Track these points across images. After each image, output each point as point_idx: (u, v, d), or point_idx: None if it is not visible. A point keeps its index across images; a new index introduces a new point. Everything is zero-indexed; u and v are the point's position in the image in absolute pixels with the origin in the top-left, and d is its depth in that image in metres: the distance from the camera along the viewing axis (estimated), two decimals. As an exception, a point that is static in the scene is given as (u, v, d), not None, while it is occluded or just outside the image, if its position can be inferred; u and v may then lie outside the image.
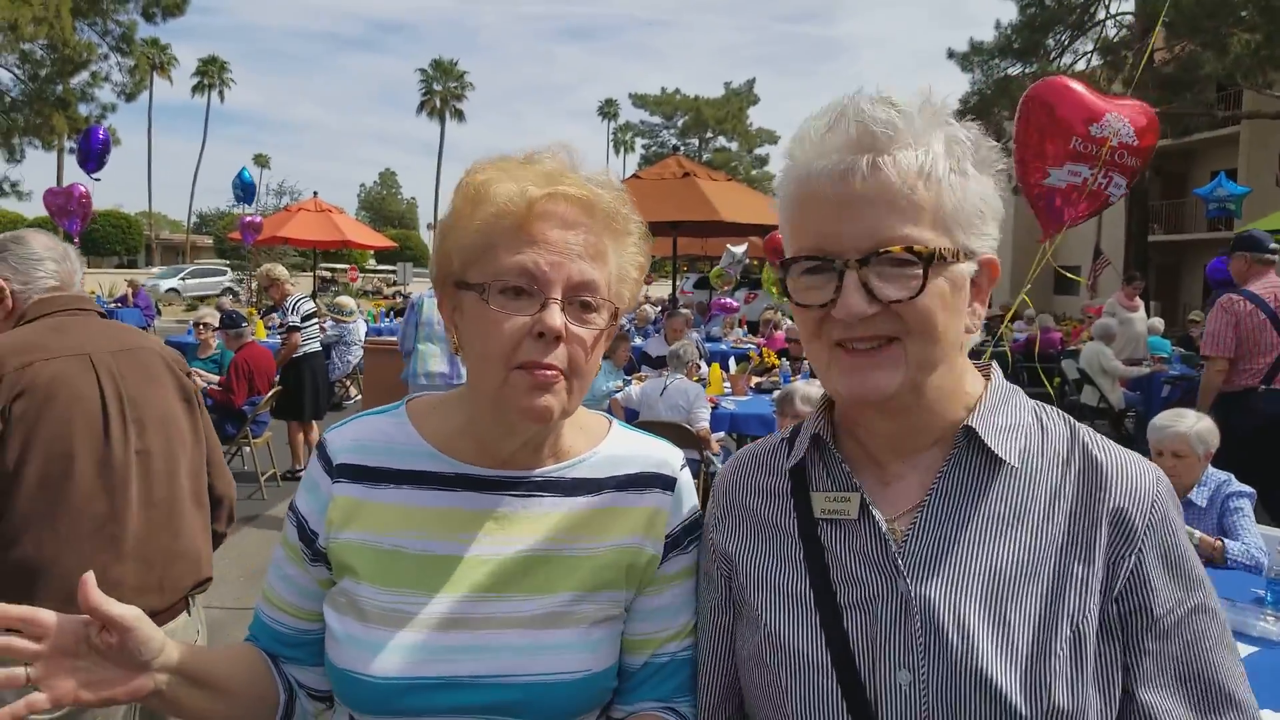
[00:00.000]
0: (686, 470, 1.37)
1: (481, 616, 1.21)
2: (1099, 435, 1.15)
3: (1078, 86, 5.03)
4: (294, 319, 8.64)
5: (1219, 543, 3.56)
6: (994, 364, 1.20)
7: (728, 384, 8.72)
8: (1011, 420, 1.14)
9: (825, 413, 1.23)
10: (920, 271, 1.02)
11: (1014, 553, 1.06)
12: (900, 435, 1.15)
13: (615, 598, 1.27)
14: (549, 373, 1.15)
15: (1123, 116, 4.56)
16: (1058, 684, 1.00)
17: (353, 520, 1.24)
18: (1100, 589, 1.04)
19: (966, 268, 1.08)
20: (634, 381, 8.31)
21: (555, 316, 1.14)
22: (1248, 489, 3.83)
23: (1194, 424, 3.86)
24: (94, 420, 2.24)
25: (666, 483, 1.33)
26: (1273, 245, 5.98)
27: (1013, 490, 1.10)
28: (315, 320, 9.24)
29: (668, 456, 1.36)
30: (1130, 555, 1.05)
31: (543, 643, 1.21)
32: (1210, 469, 3.90)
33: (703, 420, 6.71)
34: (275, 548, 1.35)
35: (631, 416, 7.26)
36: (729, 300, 16.65)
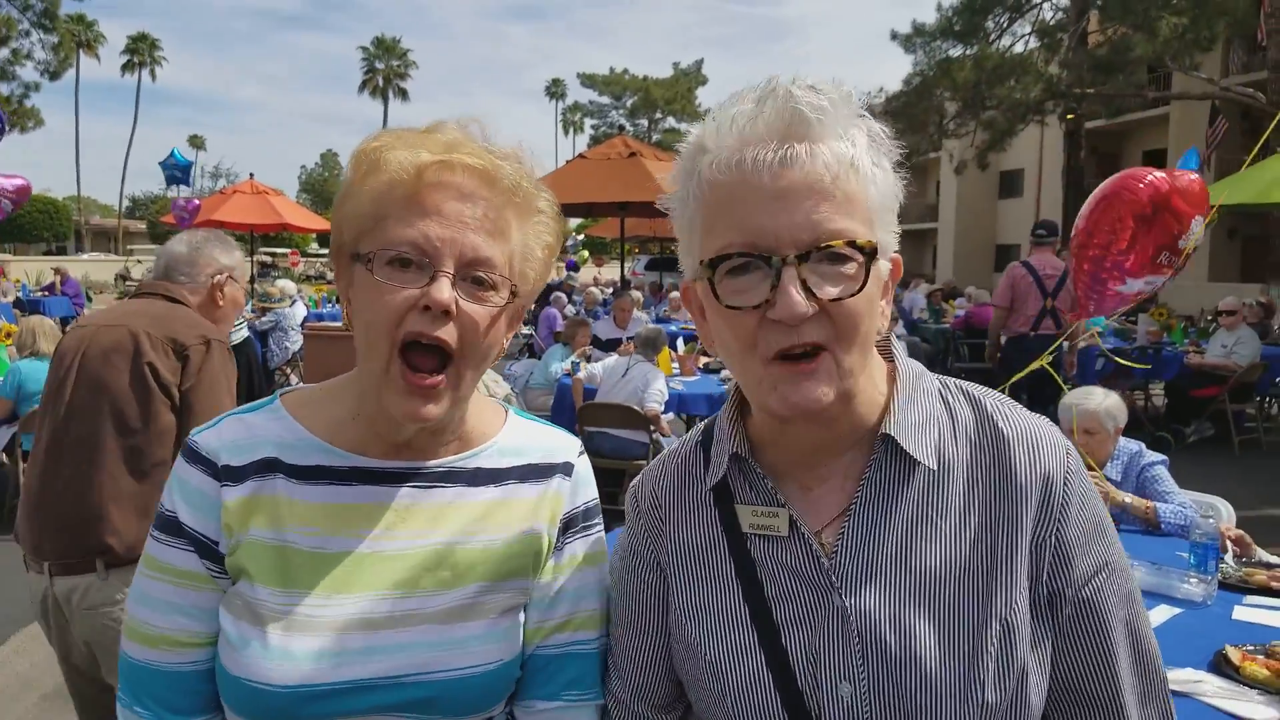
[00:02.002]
0: (585, 458, 1.35)
1: (388, 615, 1.15)
2: (1006, 406, 1.14)
3: (1176, 187, 4.42)
4: None
5: (1150, 504, 3.68)
6: (895, 341, 1.17)
7: (676, 364, 8.73)
8: (923, 415, 1.11)
9: (739, 426, 1.17)
10: (862, 268, 0.98)
11: (940, 553, 1.06)
12: (825, 443, 1.11)
13: (522, 585, 1.24)
14: (431, 379, 1.11)
15: (1201, 218, 4.25)
16: (989, 679, 1.01)
17: (248, 520, 1.16)
18: (1028, 574, 1.05)
19: (885, 266, 1.05)
20: (582, 364, 8.29)
21: (443, 290, 1.07)
22: (1159, 456, 3.96)
23: (1102, 401, 3.94)
24: (56, 372, 2.73)
25: (566, 469, 1.31)
26: (1041, 231, 8.41)
27: (932, 489, 1.08)
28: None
29: (566, 444, 1.33)
30: (1052, 534, 1.06)
31: (453, 637, 1.17)
32: (1121, 441, 3.99)
33: (653, 402, 6.71)
34: (150, 586, 1.19)
35: (589, 396, 7.24)
36: None
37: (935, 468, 1.08)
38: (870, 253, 0.98)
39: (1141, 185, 4.46)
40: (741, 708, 1.08)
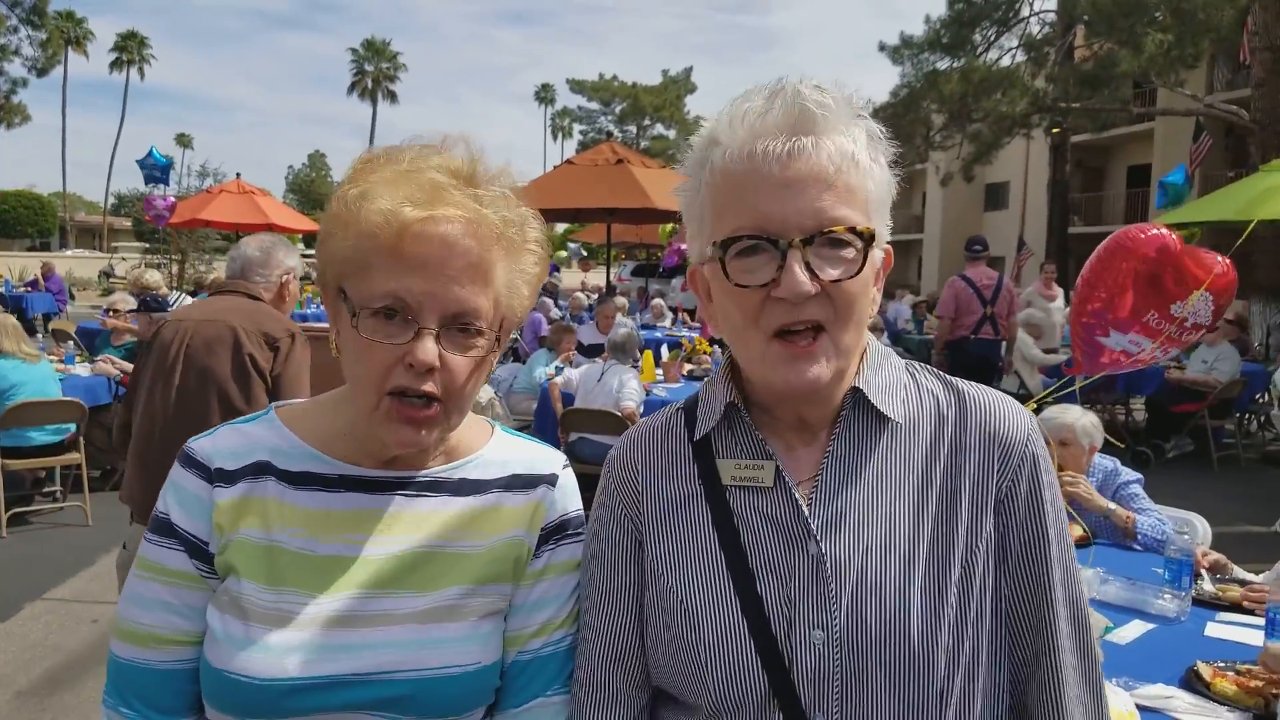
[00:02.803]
0: (569, 471, 1.37)
1: (370, 614, 1.17)
2: (970, 382, 1.23)
3: (1182, 252, 4.36)
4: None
5: (1130, 514, 3.70)
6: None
7: (660, 371, 8.73)
8: (890, 379, 1.20)
9: (733, 381, 1.22)
10: (860, 252, 1.06)
11: (906, 505, 1.12)
12: (814, 413, 1.18)
13: (503, 590, 1.26)
14: (423, 410, 1.14)
15: (1209, 296, 4.11)
16: (947, 624, 1.08)
17: (239, 520, 1.19)
18: (991, 523, 1.13)
19: (878, 254, 1.12)
20: (566, 366, 8.26)
21: (427, 351, 1.10)
22: (1135, 474, 3.99)
23: (1079, 417, 3.99)
24: (162, 360, 3.26)
25: (550, 480, 1.33)
26: (976, 247, 9.57)
27: (899, 445, 1.16)
28: None
29: (551, 458, 1.36)
30: (1010, 485, 1.14)
31: (433, 637, 1.18)
32: (1097, 458, 4.03)
33: (628, 400, 6.71)
34: (142, 586, 1.21)
35: (568, 401, 7.22)
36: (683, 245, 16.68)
37: (902, 422, 1.16)
38: (869, 238, 1.06)
39: (1144, 237, 4.34)
40: (717, 655, 1.10)
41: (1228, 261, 3.99)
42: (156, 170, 18.76)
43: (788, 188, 1.04)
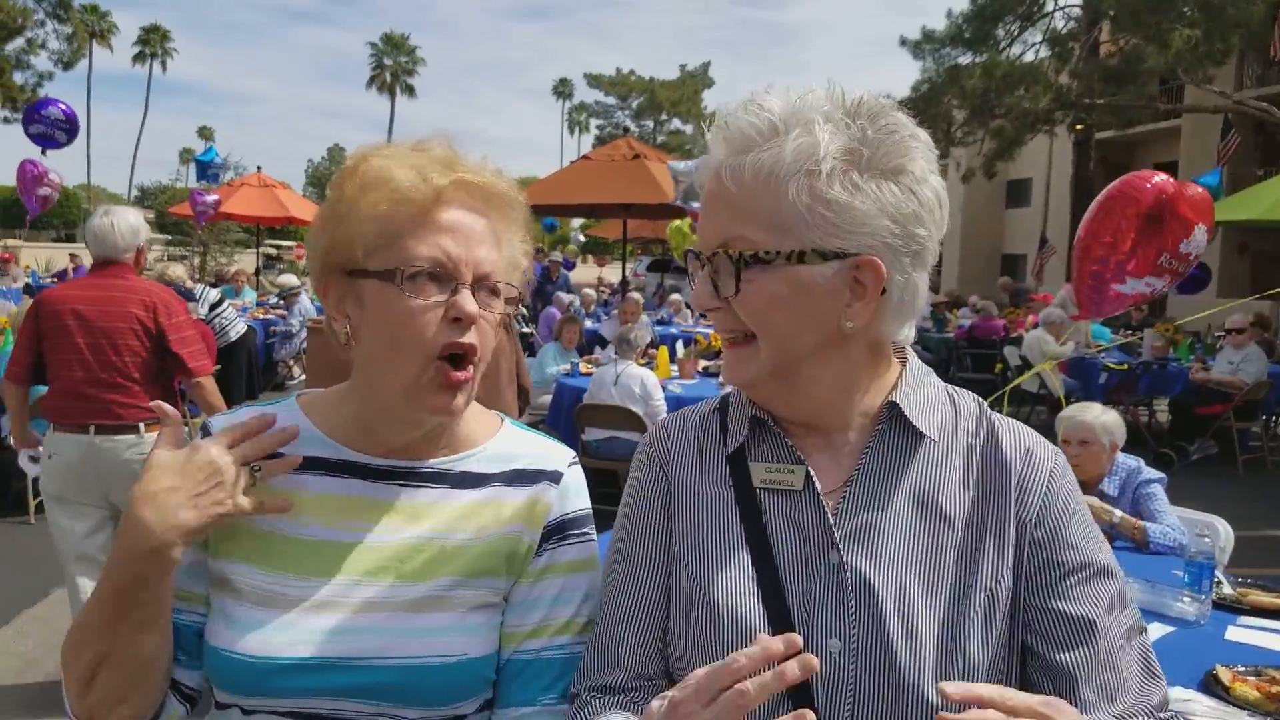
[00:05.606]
0: (576, 468, 1.37)
1: (358, 600, 1.20)
2: (1001, 415, 1.23)
3: (1184, 194, 4.42)
4: (201, 309, 8.80)
5: (1140, 523, 3.66)
6: (907, 348, 1.24)
7: (675, 367, 8.72)
8: (928, 398, 1.20)
9: None
10: (733, 270, 1.09)
11: (934, 523, 1.13)
12: (801, 418, 1.19)
13: (495, 585, 1.26)
14: (462, 374, 1.18)
15: (1205, 227, 4.12)
16: (972, 642, 1.07)
17: None
18: (1014, 554, 1.12)
19: (819, 270, 1.07)
20: (582, 366, 8.28)
21: (469, 301, 1.16)
22: (1157, 474, 3.94)
23: (1099, 415, 3.98)
24: None
25: (554, 477, 1.33)
26: None
27: (932, 463, 1.16)
28: (225, 305, 9.46)
29: (557, 455, 1.36)
30: (1034, 520, 1.13)
31: (418, 625, 1.20)
32: (1120, 458, 4.00)
33: (662, 411, 6.68)
34: None
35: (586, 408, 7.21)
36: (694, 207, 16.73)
37: (937, 439, 1.17)
38: (739, 259, 1.08)
39: (1148, 186, 4.39)
40: (737, 644, 1.07)
41: (1205, 191, 4.07)
42: (217, 170, 19.00)
43: (705, 207, 1.14)
